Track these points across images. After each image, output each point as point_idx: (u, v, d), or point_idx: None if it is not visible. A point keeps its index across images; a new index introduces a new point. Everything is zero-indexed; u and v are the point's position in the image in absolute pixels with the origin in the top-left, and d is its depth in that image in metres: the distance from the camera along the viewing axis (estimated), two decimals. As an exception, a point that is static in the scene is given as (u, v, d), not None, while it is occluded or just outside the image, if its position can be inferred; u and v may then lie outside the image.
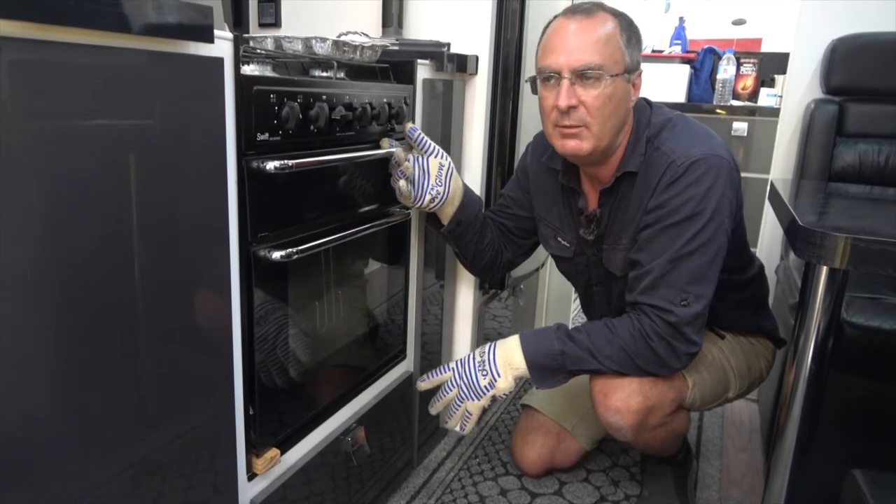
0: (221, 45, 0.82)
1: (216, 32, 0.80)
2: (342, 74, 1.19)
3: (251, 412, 1.00)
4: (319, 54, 1.14)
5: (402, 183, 1.20)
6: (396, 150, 1.20)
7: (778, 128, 1.87)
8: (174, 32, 0.73)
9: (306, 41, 1.14)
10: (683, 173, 1.09)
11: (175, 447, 0.85)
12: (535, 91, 1.16)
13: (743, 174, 2.64)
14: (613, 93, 1.08)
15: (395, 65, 1.31)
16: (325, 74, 1.17)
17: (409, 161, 1.22)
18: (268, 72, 1.02)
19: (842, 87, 1.71)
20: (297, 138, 0.99)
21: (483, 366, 1.16)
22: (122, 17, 0.67)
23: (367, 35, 1.43)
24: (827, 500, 1.50)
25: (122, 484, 0.78)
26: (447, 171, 1.26)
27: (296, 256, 0.96)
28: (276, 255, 0.95)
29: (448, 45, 1.45)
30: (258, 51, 1.08)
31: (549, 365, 1.15)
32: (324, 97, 1.04)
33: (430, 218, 1.34)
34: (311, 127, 1.02)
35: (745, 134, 2.56)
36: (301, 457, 1.13)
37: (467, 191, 1.33)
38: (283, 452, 1.07)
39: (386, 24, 1.53)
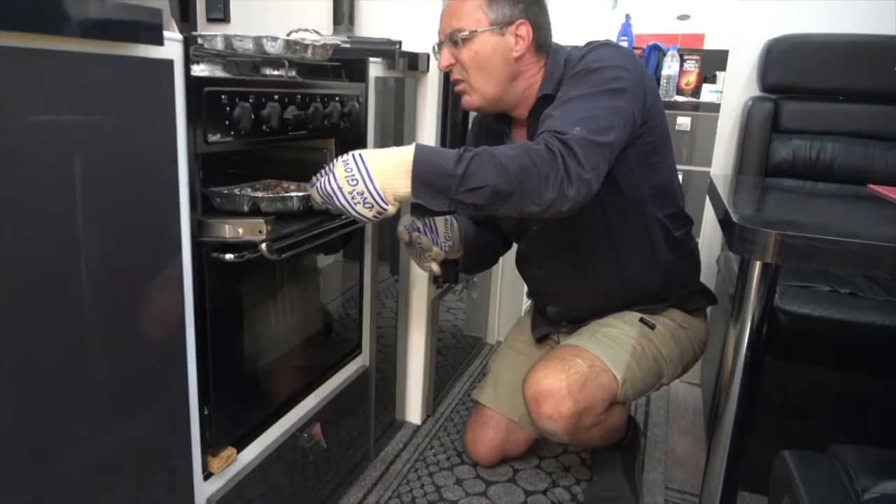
0: (171, 47, 0.82)
1: (165, 34, 0.80)
2: (294, 73, 1.19)
3: (206, 412, 1.00)
4: (271, 53, 1.14)
5: (434, 266, 1.29)
6: (423, 238, 1.27)
7: (718, 124, 1.94)
8: (121, 35, 0.73)
9: (257, 40, 1.14)
10: (588, 52, 1.18)
11: (128, 447, 0.85)
12: (437, 57, 1.28)
13: (686, 167, 2.74)
14: (481, 48, 1.19)
15: (347, 63, 1.31)
16: (276, 73, 1.17)
17: (425, 236, 1.29)
18: (218, 72, 1.02)
19: (777, 86, 1.79)
20: (249, 138, 0.99)
21: (364, 198, 1.00)
22: (64, 18, 0.66)
23: (318, 33, 1.43)
24: (763, 478, 1.59)
25: (74, 485, 0.78)
26: (446, 219, 1.32)
27: (248, 256, 0.97)
28: (229, 256, 0.95)
29: (399, 43, 1.47)
30: (208, 49, 1.07)
31: (435, 185, 1.00)
32: (276, 97, 1.04)
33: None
34: (264, 126, 1.02)
35: (689, 129, 2.66)
36: (258, 454, 1.13)
37: (462, 222, 1.37)
38: (239, 451, 1.08)
39: (337, 21, 1.53)
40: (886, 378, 1.36)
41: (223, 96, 0.93)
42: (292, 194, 1.08)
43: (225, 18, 1.69)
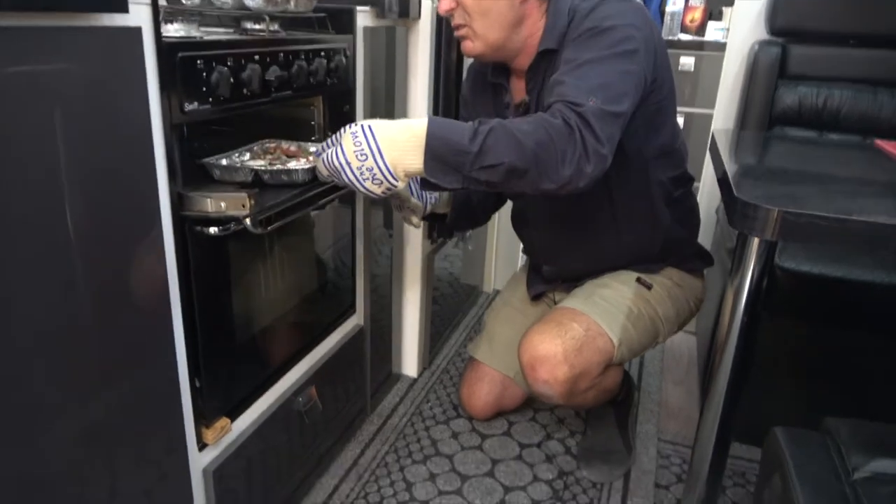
0: (138, 12, 0.76)
1: (130, -1, 0.74)
2: (276, 26, 1.13)
3: (197, 384, 0.99)
4: (251, 7, 1.08)
5: (414, 219, 1.22)
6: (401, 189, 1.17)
7: (723, 68, 1.87)
8: (79, 5, 0.67)
9: (235, -8, 1.07)
10: (595, 7, 1.11)
11: (120, 422, 0.84)
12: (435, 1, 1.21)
13: (690, 109, 2.66)
14: None
15: (332, 13, 1.24)
16: (257, 27, 1.10)
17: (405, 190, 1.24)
18: (194, 30, 0.95)
19: (786, 28, 1.71)
20: (229, 103, 0.94)
21: (373, 173, 0.95)
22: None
23: (301, -22, 1.34)
24: (756, 430, 1.61)
25: (68, 460, 0.77)
26: None
27: (232, 229, 0.94)
28: (213, 229, 0.92)
29: (389, -13, 1.38)
30: (183, 3, 1.00)
31: (449, 162, 0.95)
32: (256, 57, 0.99)
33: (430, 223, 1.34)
34: (244, 90, 0.97)
35: (692, 69, 2.56)
36: (253, 421, 1.14)
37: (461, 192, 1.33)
38: (233, 419, 1.08)
39: (322, -37, 1.44)
40: (884, 335, 1.36)
41: (199, 61, 0.87)
42: (297, 167, 1.03)
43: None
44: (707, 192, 2.04)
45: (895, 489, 0.73)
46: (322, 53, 1.15)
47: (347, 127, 0.97)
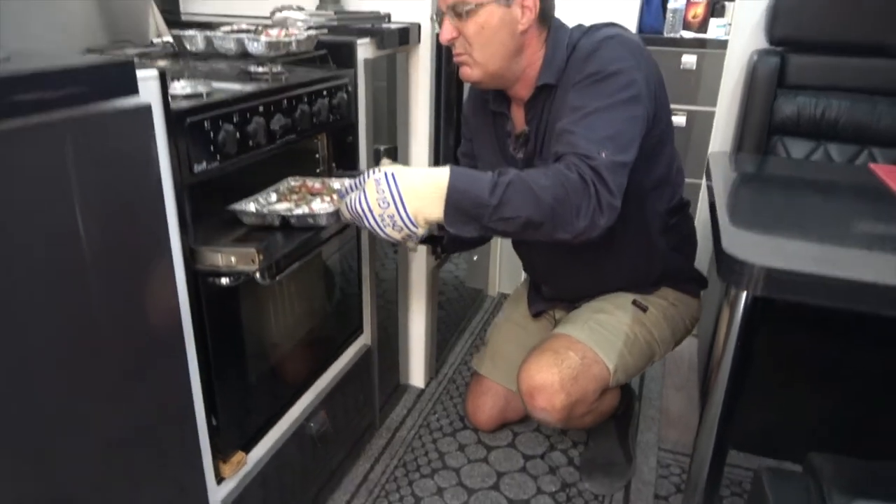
0: (147, 89, 0.79)
1: (139, 74, 0.77)
2: (279, 68, 1.16)
3: (214, 422, 1.04)
4: (254, 53, 1.11)
5: (410, 244, 1.22)
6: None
7: (722, 78, 1.88)
8: (97, 95, 0.70)
9: (239, 40, 1.11)
10: (595, 49, 1.13)
11: (141, 461, 0.89)
12: (437, 28, 1.23)
13: (690, 107, 2.67)
14: (487, 21, 1.13)
15: (333, 48, 1.26)
16: (261, 70, 1.14)
17: None
18: (200, 85, 0.98)
19: (785, 39, 1.72)
20: (235, 157, 0.97)
21: (394, 221, 0.98)
22: (40, 92, 0.64)
23: (302, 9, 1.36)
24: (753, 437, 1.65)
25: (93, 494, 0.82)
26: None
27: (243, 279, 0.98)
28: (224, 280, 0.96)
29: (388, 15, 1.41)
30: (188, 49, 1.04)
31: (468, 213, 0.99)
32: (260, 108, 1.02)
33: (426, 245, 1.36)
34: (250, 142, 1.00)
35: (694, 67, 2.56)
36: (267, 450, 1.19)
37: None
38: (248, 451, 1.13)
39: (322, -9, 1.46)
40: (882, 341, 1.39)
41: (206, 123, 0.90)
42: (322, 211, 1.06)
43: (206, -15, 1.61)
44: (705, 203, 2.06)
45: (874, 532, 0.77)
46: (324, 93, 1.18)
47: (371, 172, 1.00)
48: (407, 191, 0.97)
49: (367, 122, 1.35)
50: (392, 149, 1.44)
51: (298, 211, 1.07)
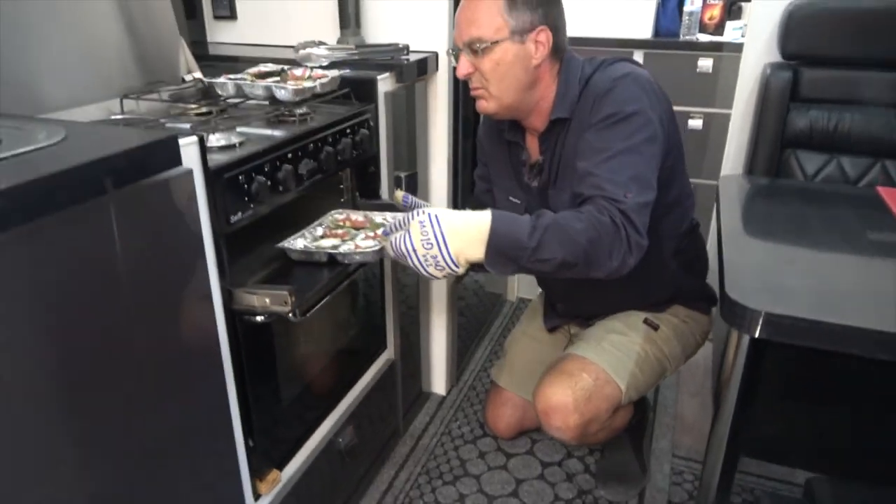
0: (188, 155, 0.86)
1: (181, 143, 0.85)
2: (304, 109, 1.23)
3: (251, 444, 1.13)
4: (281, 99, 1.18)
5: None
6: None
7: (735, 92, 1.90)
8: (149, 171, 0.78)
9: (267, 87, 1.18)
10: (611, 88, 1.18)
11: (188, 480, 0.97)
12: (454, 62, 1.28)
13: (709, 110, 2.69)
14: (502, 57, 1.18)
15: (355, 85, 1.33)
16: (287, 112, 1.20)
17: None
18: (233, 136, 1.06)
19: (797, 54, 1.74)
20: (268, 205, 1.05)
21: (437, 261, 1.04)
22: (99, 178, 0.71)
23: (324, 44, 1.43)
24: (765, 444, 1.70)
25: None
26: None
27: (276, 317, 1.05)
28: (259, 318, 1.04)
29: (407, 47, 1.46)
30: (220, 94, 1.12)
31: (507, 255, 1.05)
32: (289, 155, 1.09)
33: None
34: (280, 188, 1.07)
35: (711, 71, 2.58)
36: (299, 467, 1.27)
37: None
38: (282, 468, 1.21)
39: (343, 24, 1.52)
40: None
41: (240, 177, 0.98)
42: (368, 249, 1.12)
43: (231, 16, 1.68)
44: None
45: (865, 559, 0.83)
46: (347, 132, 1.25)
47: (416, 214, 1.06)
48: (450, 233, 1.03)
49: (388, 152, 1.42)
50: (412, 175, 1.50)
51: (344, 248, 1.14)
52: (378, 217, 1.25)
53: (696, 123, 2.68)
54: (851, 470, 1.63)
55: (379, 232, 1.18)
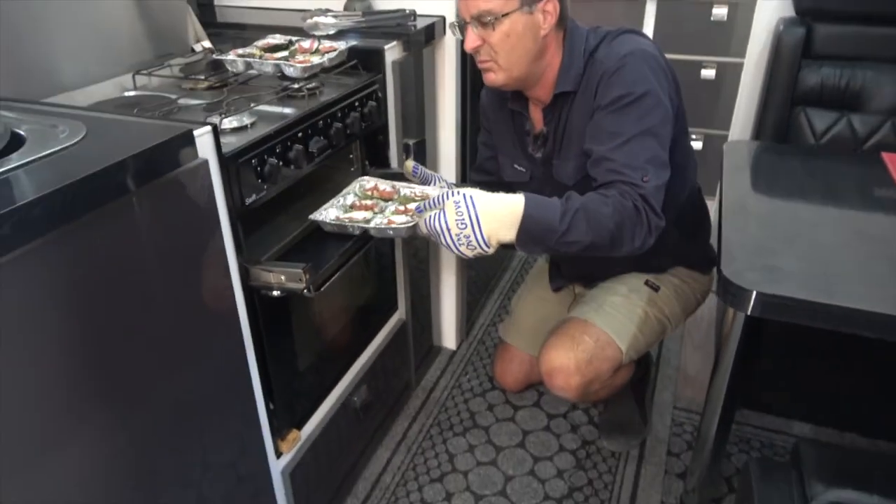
0: (203, 145, 0.90)
1: (196, 134, 0.88)
2: (313, 84, 1.24)
3: (271, 407, 1.20)
4: (290, 75, 1.20)
5: None
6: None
7: (748, 47, 1.88)
8: (169, 167, 0.82)
9: (276, 65, 1.19)
10: (619, 67, 1.19)
11: (217, 439, 1.05)
12: (458, 35, 1.27)
13: (722, 59, 2.64)
14: (511, 29, 1.18)
15: (363, 56, 1.34)
16: (296, 86, 1.22)
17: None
18: (245, 118, 1.08)
19: (810, 9, 1.71)
20: (281, 184, 1.08)
21: (469, 241, 1.07)
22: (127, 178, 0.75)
23: (331, 12, 1.43)
24: (763, 399, 1.77)
25: (172, 477, 0.98)
26: (442, 185, 1.37)
27: (291, 293, 1.10)
28: (275, 293, 1.09)
29: (413, 12, 1.46)
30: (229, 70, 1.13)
31: (538, 237, 1.09)
32: (299, 135, 1.12)
33: None
34: (292, 167, 1.10)
35: (725, 19, 2.52)
36: (317, 424, 1.35)
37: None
38: (301, 428, 1.29)
39: (350, -11, 1.51)
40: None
41: (254, 161, 1.01)
42: (402, 226, 1.15)
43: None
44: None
45: (842, 520, 0.89)
46: (356, 105, 1.27)
47: (451, 194, 1.09)
48: (484, 214, 1.07)
49: (397, 120, 1.44)
50: (420, 142, 1.52)
51: (376, 221, 1.18)
52: (405, 189, 1.28)
53: (708, 73, 2.64)
54: (845, 421, 1.70)
55: (411, 207, 1.21)
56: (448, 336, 1.99)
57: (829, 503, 0.92)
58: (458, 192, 1.08)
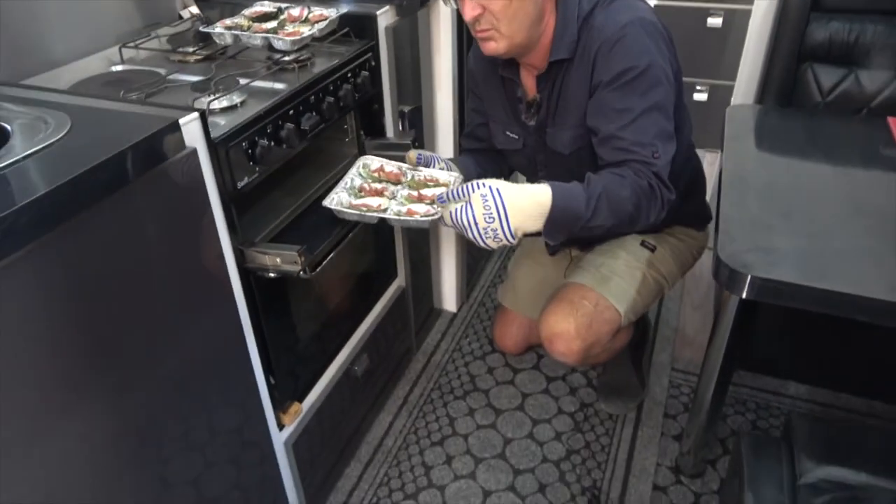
0: (191, 133, 0.88)
1: (182, 122, 0.86)
2: (304, 54, 1.21)
3: (272, 381, 1.22)
4: (280, 48, 1.17)
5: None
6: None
7: (754, 1, 1.81)
8: (157, 160, 0.80)
9: (265, 38, 1.16)
10: (619, 39, 1.17)
11: (220, 415, 1.08)
12: (452, 5, 1.23)
13: (730, 6, 2.56)
14: None
15: (355, 22, 1.29)
16: (287, 59, 1.19)
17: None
18: (236, 97, 1.06)
19: (822, -40, 1.64)
20: (274, 164, 1.07)
21: (496, 234, 1.07)
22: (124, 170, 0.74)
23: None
24: (760, 361, 1.78)
25: (176, 457, 1.00)
26: (445, 161, 1.34)
27: (286, 274, 1.10)
28: (271, 274, 1.09)
29: (407, -27, 1.40)
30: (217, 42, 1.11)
31: (564, 226, 1.11)
32: (291, 112, 1.09)
33: None
34: (284, 146, 1.09)
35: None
36: (318, 395, 1.38)
37: (462, 162, 1.40)
38: (302, 400, 1.31)
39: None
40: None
41: (244, 143, 0.99)
42: (425, 218, 1.13)
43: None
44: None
45: (832, 496, 0.91)
46: (349, 76, 1.24)
47: (477, 187, 1.08)
48: (512, 207, 1.06)
49: (391, 88, 1.40)
50: (416, 108, 1.49)
51: (395, 209, 1.16)
52: (412, 171, 1.26)
53: (715, 21, 2.56)
54: (840, 383, 1.72)
55: (426, 193, 1.19)
56: (448, 299, 2.00)
57: (819, 480, 0.94)
58: (484, 185, 1.08)
